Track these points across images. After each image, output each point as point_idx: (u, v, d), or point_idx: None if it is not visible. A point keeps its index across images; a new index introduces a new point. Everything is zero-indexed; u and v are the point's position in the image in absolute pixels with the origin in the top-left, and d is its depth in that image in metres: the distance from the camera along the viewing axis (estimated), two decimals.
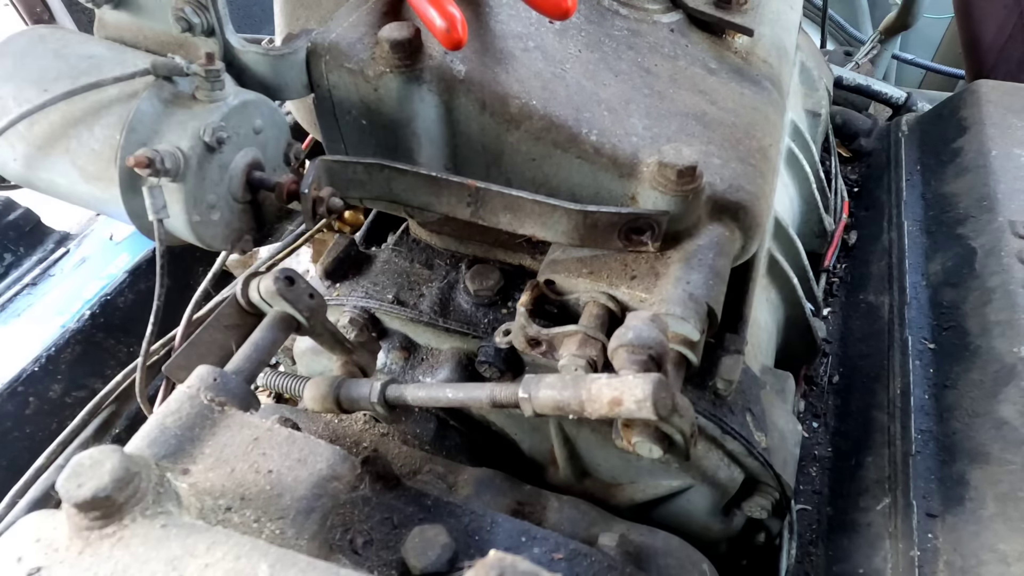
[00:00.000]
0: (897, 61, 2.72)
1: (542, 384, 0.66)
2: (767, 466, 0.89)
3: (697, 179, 0.75)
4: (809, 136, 1.43)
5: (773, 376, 1.07)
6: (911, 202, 1.44)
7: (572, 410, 0.64)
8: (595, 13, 0.96)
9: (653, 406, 0.59)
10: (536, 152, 0.82)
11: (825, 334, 1.30)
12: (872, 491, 1.01)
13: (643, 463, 0.91)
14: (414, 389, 0.76)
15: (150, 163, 0.65)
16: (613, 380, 0.62)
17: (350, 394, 0.77)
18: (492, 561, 0.42)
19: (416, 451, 0.92)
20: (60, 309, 1.33)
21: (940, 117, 1.60)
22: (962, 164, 1.40)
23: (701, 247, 0.79)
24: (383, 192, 0.83)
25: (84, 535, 0.49)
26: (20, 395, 1.22)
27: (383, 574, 0.67)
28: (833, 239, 1.44)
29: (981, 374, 1.03)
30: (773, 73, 1.01)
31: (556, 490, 0.90)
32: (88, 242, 1.47)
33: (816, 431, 1.18)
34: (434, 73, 0.79)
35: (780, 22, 1.11)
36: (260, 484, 0.58)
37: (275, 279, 0.73)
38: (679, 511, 0.96)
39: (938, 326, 1.17)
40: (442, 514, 0.75)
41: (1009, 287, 1.11)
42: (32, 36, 0.76)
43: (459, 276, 0.98)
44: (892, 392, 1.11)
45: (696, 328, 0.73)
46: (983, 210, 1.26)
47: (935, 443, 1.00)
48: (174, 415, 0.60)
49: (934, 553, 0.87)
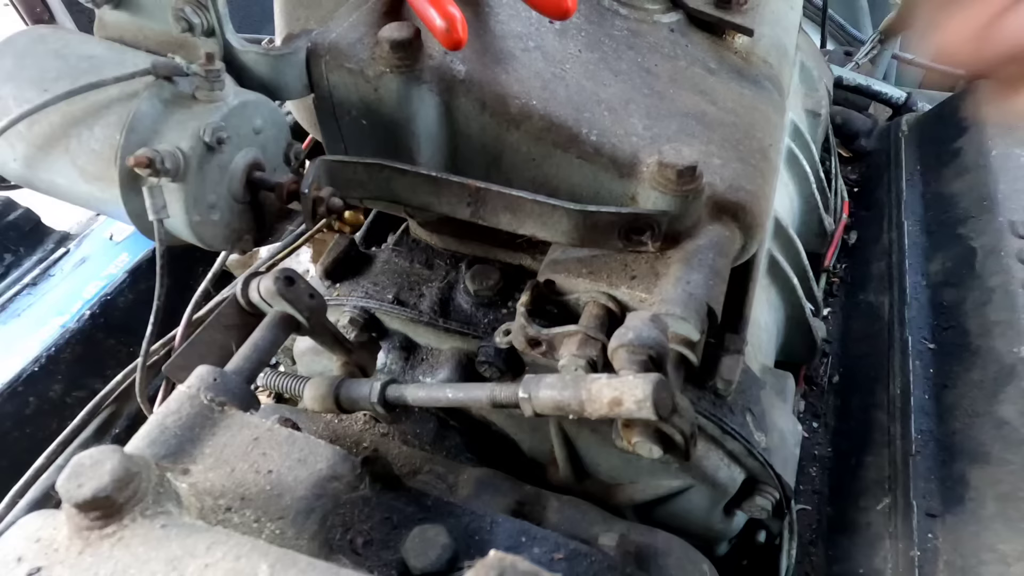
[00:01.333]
0: (897, 61, 2.72)
1: (542, 384, 0.66)
2: (767, 466, 0.89)
3: (697, 179, 0.75)
4: (809, 136, 1.43)
5: (773, 376, 1.07)
6: (911, 202, 1.44)
7: (572, 410, 0.63)
8: (595, 13, 0.96)
9: (653, 406, 0.59)
10: (536, 152, 0.82)
11: (825, 334, 1.30)
12: (872, 491, 1.01)
13: (643, 463, 0.91)
14: (414, 389, 0.76)
15: (150, 163, 0.65)
16: (613, 380, 0.62)
17: (350, 394, 0.77)
18: (492, 561, 0.42)
19: (416, 451, 0.92)
20: (60, 309, 1.33)
21: (940, 117, 1.60)
22: (962, 164, 1.40)
23: (701, 247, 0.78)
24: (383, 192, 0.83)
25: (84, 535, 0.48)
26: (20, 395, 1.22)
27: (383, 574, 0.67)
28: (833, 239, 1.44)
29: (981, 374, 1.03)
30: (773, 73, 1.01)
31: (556, 490, 0.90)
32: (88, 242, 1.47)
33: (816, 431, 1.19)
34: (434, 73, 0.79)
35: (780, 22, 1.11)
36: (260, 484, 0.58)
37: (275, 279, 0.73)
38: (679, 511, 0.96)
39: (938, 326, 1.17)
40: (442, 514, 0.75)
41: (1009, 287, 1.11)
42: (32, 36, 0.76)
43: (459, 276, 0.98)
44: (892, 392, 1.11)
45: (696, 328, 0.73)
46: (983, 210, 1.26)
47: (935, 443, 1.00)
48: (174, 415, 0.60)
49: (934, 553, 0.87)
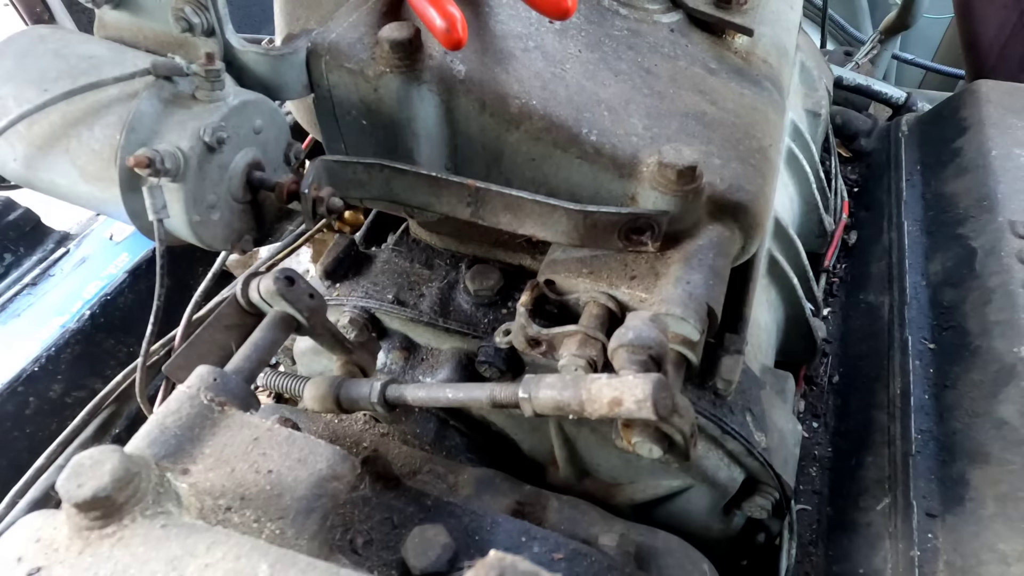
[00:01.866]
0: (897, 61, 2.72)
1: (542, 384, 0.66)
2: (767, 466, 0.89)
3: (697, 179, 0.75)
4: (809, 136, 1.43)
5: (773, 376, 1.07)
6: (911, 202, 1.44)
7: (572, 410, 0.64)
8: (595, 13, 0.96)
9: (653, 406, 0.59)
10: (536, 152, 0.82)
11: (825, 334, 1.30)
12: (872, 491, 1.01)
13: (643, 463, 0.91)
14: (414, 389, 0.76)
15: (150, 163, 0.65)
16: (613, 380, 0.62)
17: (350, 394, 0.77)
18: (492, 561, 0.42)
19: (416, 451, 0.92)
20: (60, 309, 1.33)
21: (940, 117, 1.60)
22: (962, 164, 1.40)
23: (701, 247, 0.79)
24: (383, 192, 0.83)
25: (84, 535, 0.49)
26: (20, 395, 1.22)
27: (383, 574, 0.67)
28: (833, 239, 1.44)
29: (981, 374, 1.03)
30: (773, 73, 1.01)
31: (556, 490, 0.90)
32: (88, 242, 1.47)
33: (816, 431, 1.18)
34: (434, 73, 0.79)
35: (780, 22, 1.11)
36: (260, 484, 0.58)
37: (275, 279, 0.73)
38: (679, 511, 0.96)
39: (938, 326, 1.17)
40: (442, 514, 0.75)
41: (1009, 287, 1.11)
42: (32, 36, 0.76)
43: (459, 276, 0.98)
44: (892, 392, 1.11)
45: (696, 328, 0.73)
46: (983, 210, 1.26)
47: (935, 443, 1.00)
48: (174, 415, 0.60)
49: (934, 553, 0.87)
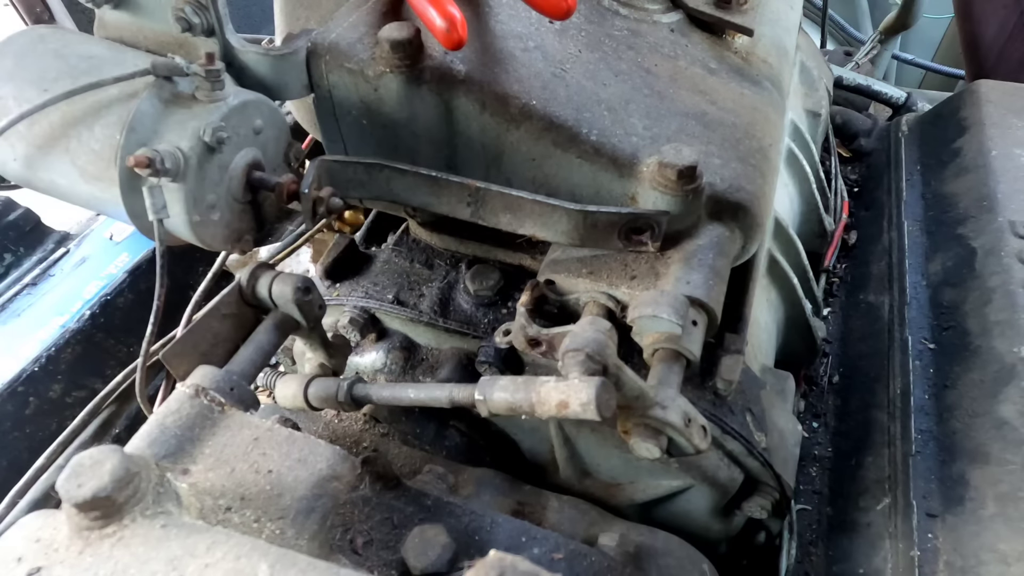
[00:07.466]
0: (897, 61, 2.72)
1: (496, 386, 0.69)
2: (767, 466, 0.89)
3: (697, 179, 0.75)
4: (809, 136, 1.43)
5: (773, 376, 1.07)
6: (911, 202, 1.44)
7: (524, 411, 0.67)
8: (595, 13, 0.96)
9: (597, 408, 0.62)
10: (536, 152, 0.82)
11: (825, 334, 1.30)
12: (872, 491, 1.01)
13: (643, 463, 0.91)
14: (378, 388, 0.81)
15: (150, 163, 0.65)
16: (560, 384, 0.65)
17: (319, 392, 0.81)
18: (492, 561, 0.42)
19: (416, 451, 0.92)
20: (60, 309, 1.33)
21: (940, 117, 1.60)
22: (962, 164, 1.40)
23: (701, 247, 0.79)
24: (383, 192, 0.83)
25: (84, 535, 0.49)
26: (20, 395, 1.22)
27: (383, 574, 0.67)
28: (833, 239, 1.44)
29: (981, 374, 1.03)
30: (773, 73, 1.01)
31: (556, 490, 0.90)
32: (88, 242, 1.47)
33: (816, 431, 1.18)
34: (434, 73, 0.79)
35: (780, 22, 1.11)
36: (260, 484, 0.58)
37: (295, 288, 0.75)
38: (679, 511, 0.96)
39: (938, 326, 1.17)
40: (442, 514, 0.75)
41: (1009, 287, 1.10)
42: (32, 36, 0.76)
43: (459, 276, 0.98)
44: (892, 392, 1.10)
45: (671, 321, 0.72)
46: (983, 210, 1.26)
47: (935, 443, 1.00)
48: (174, 415, 0.60)
49: (934, 553, 0.87)
